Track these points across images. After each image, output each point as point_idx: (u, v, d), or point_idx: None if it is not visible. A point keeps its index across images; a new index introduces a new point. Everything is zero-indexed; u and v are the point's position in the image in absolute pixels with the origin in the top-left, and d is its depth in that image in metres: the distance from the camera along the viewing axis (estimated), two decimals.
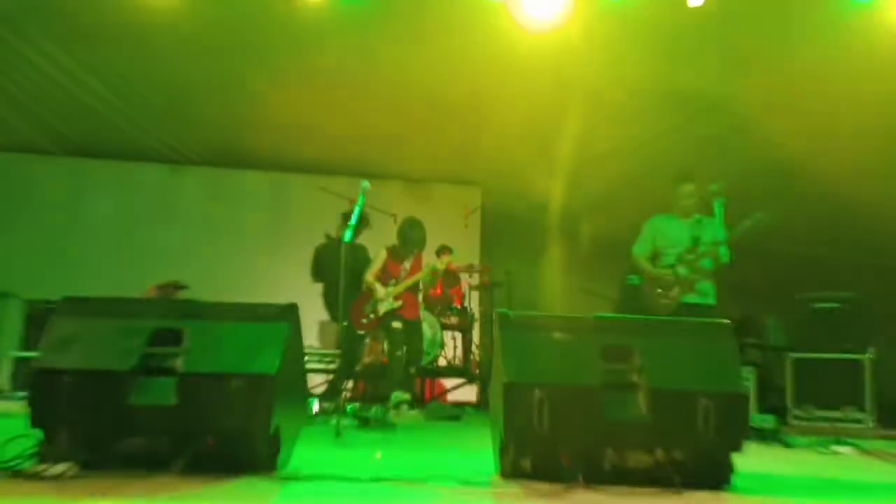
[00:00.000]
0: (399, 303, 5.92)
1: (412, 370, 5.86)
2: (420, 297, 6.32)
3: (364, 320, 5.96)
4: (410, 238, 5.96)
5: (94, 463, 2.50)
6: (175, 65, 6.49)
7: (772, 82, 5.87)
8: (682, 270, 4.89)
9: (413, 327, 6.00)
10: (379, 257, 6.05)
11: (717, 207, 4.74)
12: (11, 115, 7.30)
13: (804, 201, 6.24)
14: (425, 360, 6.79)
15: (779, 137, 6.37)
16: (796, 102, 5.95)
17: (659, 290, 4.94)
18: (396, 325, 5.80)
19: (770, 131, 6.35)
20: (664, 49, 5.74)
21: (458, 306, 7.42)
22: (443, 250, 7.49)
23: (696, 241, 4.90)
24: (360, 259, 6.19)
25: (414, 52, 6.13)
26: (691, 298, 4.85)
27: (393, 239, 6.08)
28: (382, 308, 5.87)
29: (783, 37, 5.52)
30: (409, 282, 5.95)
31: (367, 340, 6.02)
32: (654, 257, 5.08)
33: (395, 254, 6.03)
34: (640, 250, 5.11)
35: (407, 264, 6.03)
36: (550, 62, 6.06)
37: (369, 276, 6.03)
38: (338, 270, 5.61)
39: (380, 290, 5.92)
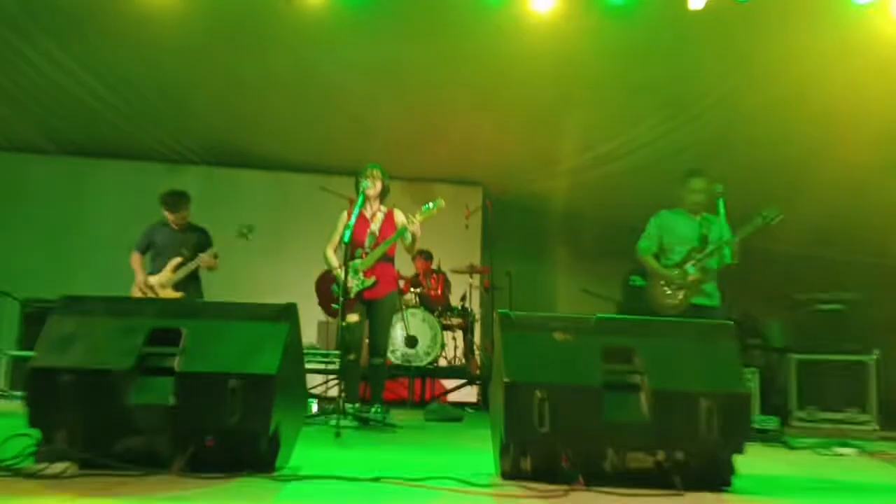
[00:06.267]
0: (372, 279, 4.88)
1: (377, 361, 4.92)
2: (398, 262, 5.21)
3: (334, 305, 4.92)
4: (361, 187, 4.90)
5: (93, 462, 2.48)
6: (175, 64, 6.48)
7: (773, 83, 5.86)
8: (691, 270, 4.81)
9: (380, 307, 4.95)
10: (340, 220, 5.05)
11: (720, 207, 4.70)
12: (10, 115, 7.29)
13: (805, 201, 6.23)
14: (425, 361, 6.78)
15: (778, 137, 6.36)
16: (796, 103, 5.94)
17: (667, 290, 4.85)
18: (353, 318, 4.79)
19: (770, 131, 6.34)
20: (665, 49, 5.72)
21: (438, 295, 7.27)
22: (419, 254, 7.30)
23: (703, 240, 4.82)
24: None
25: (414, 52, 6.12)
26: (698, 300, 4.78)
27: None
28: (354, 289, 4.85)
29: (784, 37, 5.51)
30: (379, 251, 4.89)
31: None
32: (660, 254, 4.95)
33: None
34: (646, 246, 4.97)
35: (375, 226, 4.95)
36: (551, 62, 6.05)
37: (329, 251, 5.05)
38: None
39: (339, 269, 4.83)
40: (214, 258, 5.79)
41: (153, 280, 5.71)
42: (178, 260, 5.73)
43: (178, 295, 5.68)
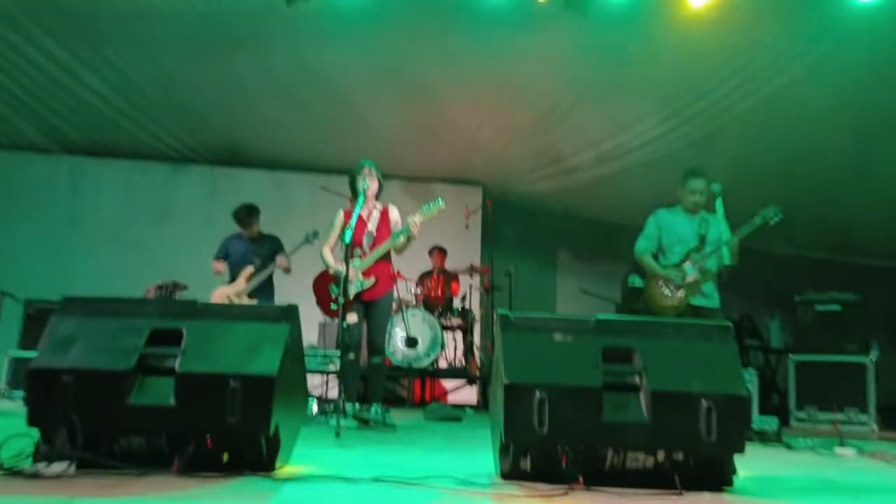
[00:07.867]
0: (372, 280, 4.87)
1: (376, 360, 4.92)
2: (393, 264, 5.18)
3: (333, 305, 4.86)
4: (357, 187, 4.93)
5: (93, 463, 2.49)
6: (176, 64, 6.49)
7: (771, 82, 5.86)
8: (689, 270, 4.78)
9: (378, 307, 4.94)
10: (337, 220, 5.05)
11: (719, 207, 4.68)
12: (11, 113, 7.30)
13: (804, 202, 6.23)
14: (426, 361, 6.79)
15: (778, 137, 6.37)
16: (795, 102, 5.94)
17: (665, 291, 4.83)
18: (352, 318, 4.79)
19: (769, 131, 6.34)
20: (665, 49, 5.72)
21: (455, 297, 7.39)
22: (435, 250, 7.45)
23: (702, 240, 4.81)
24: None
25: (414, 52, 6.12)
26: (697, 300, 4.77)
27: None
28: (353, 290, 4.81)
29: (783, 37, 5.51)
30: (378, 253, 4.88)
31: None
32: (659, 254, 4.93)
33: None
34: (644, 247, 4.95)
35: (372, 225, 4.97)
36: (552, 62, 6.06)
37: (326, 251, 5.06)
38: None
39: (339, 267, 4.78)
40: (287, 260, 6.16)
41: (229, 290, 6.04)
42: (250, 269, 6.09)
43: (252, 302, 6.01)
